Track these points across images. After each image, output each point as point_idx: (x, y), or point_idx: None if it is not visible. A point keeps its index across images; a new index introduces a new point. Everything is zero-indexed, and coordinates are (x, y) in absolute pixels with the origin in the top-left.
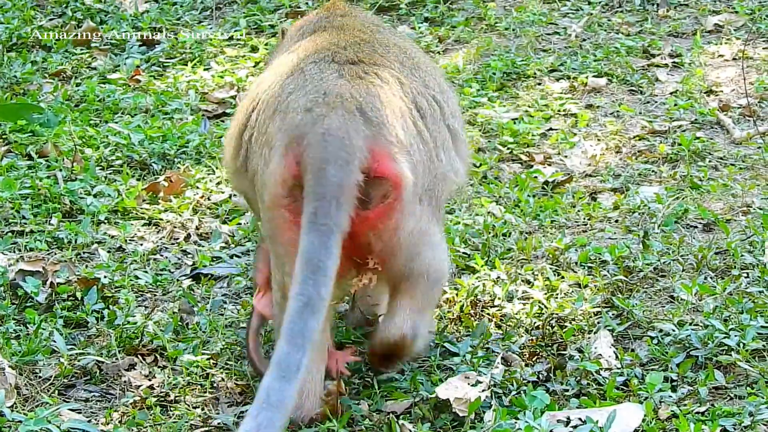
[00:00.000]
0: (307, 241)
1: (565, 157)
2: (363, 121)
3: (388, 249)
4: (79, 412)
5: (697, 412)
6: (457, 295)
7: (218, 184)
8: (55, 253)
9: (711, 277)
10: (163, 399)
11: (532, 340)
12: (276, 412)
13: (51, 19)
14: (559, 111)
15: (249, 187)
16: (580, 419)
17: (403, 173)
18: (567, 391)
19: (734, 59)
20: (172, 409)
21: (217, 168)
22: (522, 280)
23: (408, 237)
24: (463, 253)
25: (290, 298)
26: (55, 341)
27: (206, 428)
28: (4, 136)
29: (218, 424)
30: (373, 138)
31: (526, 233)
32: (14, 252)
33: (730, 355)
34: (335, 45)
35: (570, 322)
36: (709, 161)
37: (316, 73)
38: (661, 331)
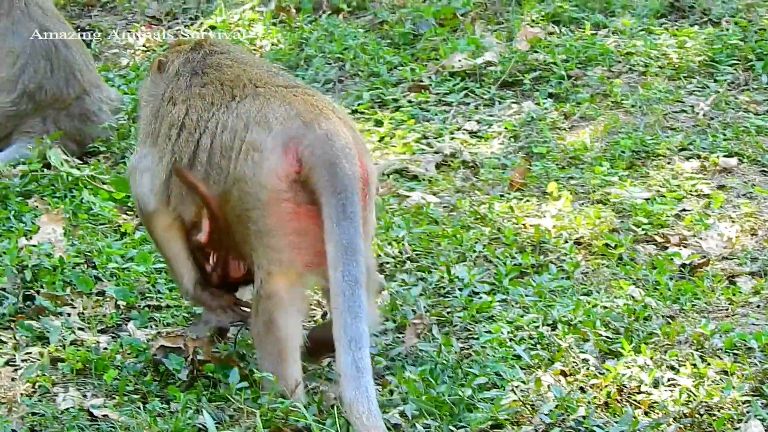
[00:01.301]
0: (343, 230)
1: (701, 239)
2: (344, 125)
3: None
4: None
5: None
6: (603, 380)
7: None
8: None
9: None
10: None
11: (681, 428)
12: (367, 376)
13: None
14: (691, 191)
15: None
16: None
17: (372, 171)
18: None
19: None
20: None
21: None
22: (667, 366)
23: (371, 226)
24: (606, 337)
25: (338, 280)
26: (200, 420)
27: None
28: (132, 211)
29: None
30: (355, 140)
31: (668, 317)
32: (151, 327)
33: None
34: (259, 77)
35: (719, 411)
36: None
37: (273, 94)
38: None
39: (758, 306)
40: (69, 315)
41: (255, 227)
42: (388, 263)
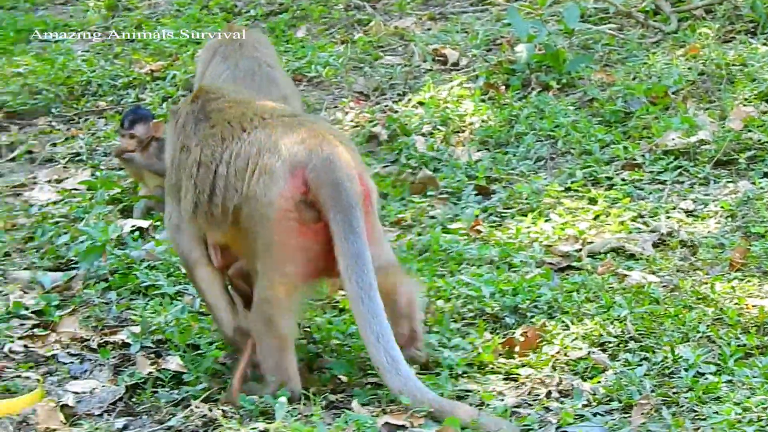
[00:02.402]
0: (352, 244)
1: None
2: (345, 149)
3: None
4: None
5: None
6: None
7: (574, 339)
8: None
9: None
10: None
11: None
12: (402, 363)
13: (385, 166)
14: None
15: (221, 222)
16: None
17: (373, 188)
18: None
19: None
20: None
21: (572, 323)
22: None
23: (378, 232)
24: None
25: (354, 288)
26: None
27: None
28: None
29: None
30: (355, 161)
31: None
32: (374, 404)
33: None
34: (263, 111)
35: None
36: None
37: (278, 126)
38: None
39: None
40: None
41: (261, 241)
42: (610, 343)
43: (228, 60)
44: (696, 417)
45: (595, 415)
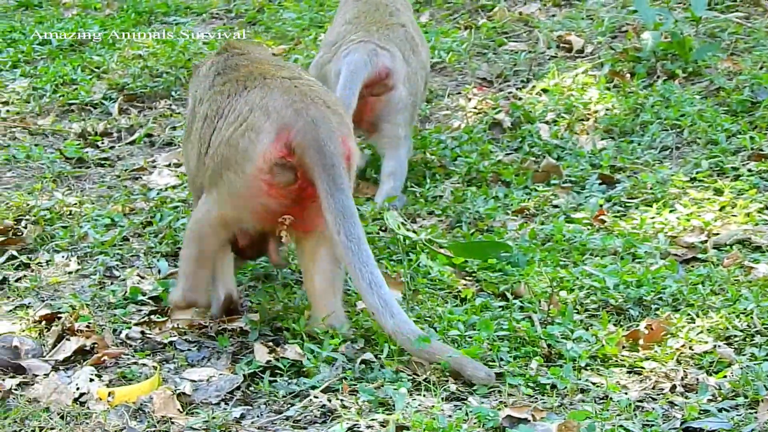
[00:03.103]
0: (337, 199)
1: None
2: (331, 112)
3: None
4: None
5: None
6: None
7: (699, 333)
8: (537, 399)
9: None
10: None
11: None
12: (393, 305)
13: (508, 154)
14: None
15: (213, 170)
16: None
17: (355, 150)
18: None
19: None
20: None
21: (697, 316)
22: None
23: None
24: None
25: (343, 240)
26: None
27: None
28: (473, 274)
29: None
30: (339, 124)
31: None
32: (494, 396)
33: None
34: (268, 71)
35: None
36: None
37: (277, 86)
38: None
39: None
40: (412, 382)
41: (228, 181)
42: (736, 336)
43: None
44: None
45: (720, 410)
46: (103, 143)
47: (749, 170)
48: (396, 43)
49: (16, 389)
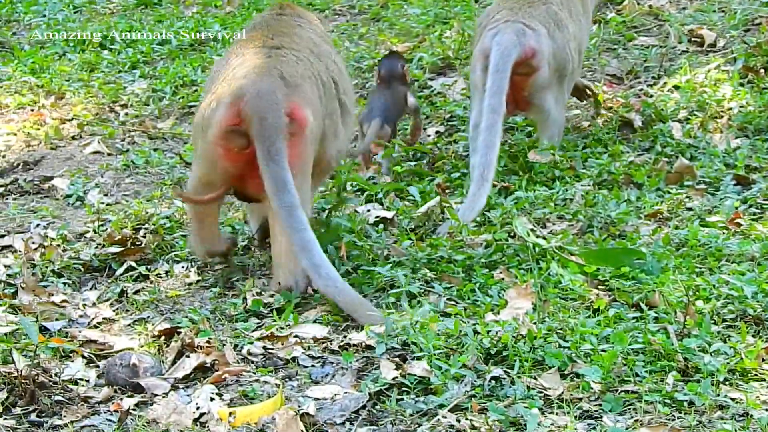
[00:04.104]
0: (271, 169)
1: None
2: (283, 83)
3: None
4: None
5: None
6: None
7: None
8: (674, 417)
9: None
10: None
11: None
12: (326, 265)
13: (639, 154)
14: None
15: (193, 135)
16: None
17: (307, 118)
18: None
19: None
20: None
21: None
22: None
23: (305, 164)
24: None
25: (279, 208)
26: None
27: None
28: (606, 283)
29: None
30: (290, 94)
31: None
32: (628, 414)
33: None
34: (266, 36)
35: None
36: None
37: (252, 55)
38: None
39: None
40: (544, 400)
41: (199, 148)
42: None
43: None
44: None
45: None
46: None
47: None
48: (540, 20)
49: (134, 410)
